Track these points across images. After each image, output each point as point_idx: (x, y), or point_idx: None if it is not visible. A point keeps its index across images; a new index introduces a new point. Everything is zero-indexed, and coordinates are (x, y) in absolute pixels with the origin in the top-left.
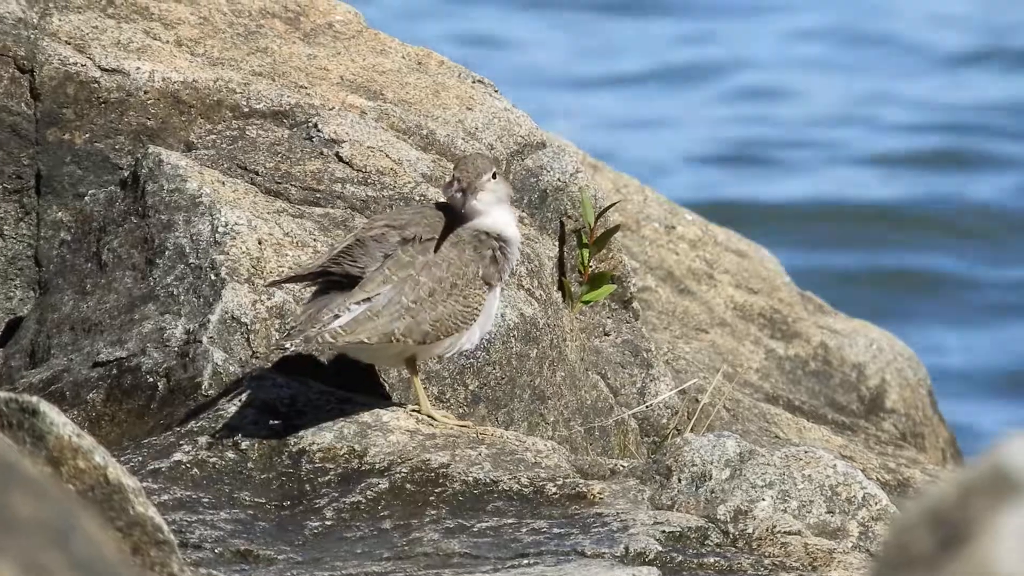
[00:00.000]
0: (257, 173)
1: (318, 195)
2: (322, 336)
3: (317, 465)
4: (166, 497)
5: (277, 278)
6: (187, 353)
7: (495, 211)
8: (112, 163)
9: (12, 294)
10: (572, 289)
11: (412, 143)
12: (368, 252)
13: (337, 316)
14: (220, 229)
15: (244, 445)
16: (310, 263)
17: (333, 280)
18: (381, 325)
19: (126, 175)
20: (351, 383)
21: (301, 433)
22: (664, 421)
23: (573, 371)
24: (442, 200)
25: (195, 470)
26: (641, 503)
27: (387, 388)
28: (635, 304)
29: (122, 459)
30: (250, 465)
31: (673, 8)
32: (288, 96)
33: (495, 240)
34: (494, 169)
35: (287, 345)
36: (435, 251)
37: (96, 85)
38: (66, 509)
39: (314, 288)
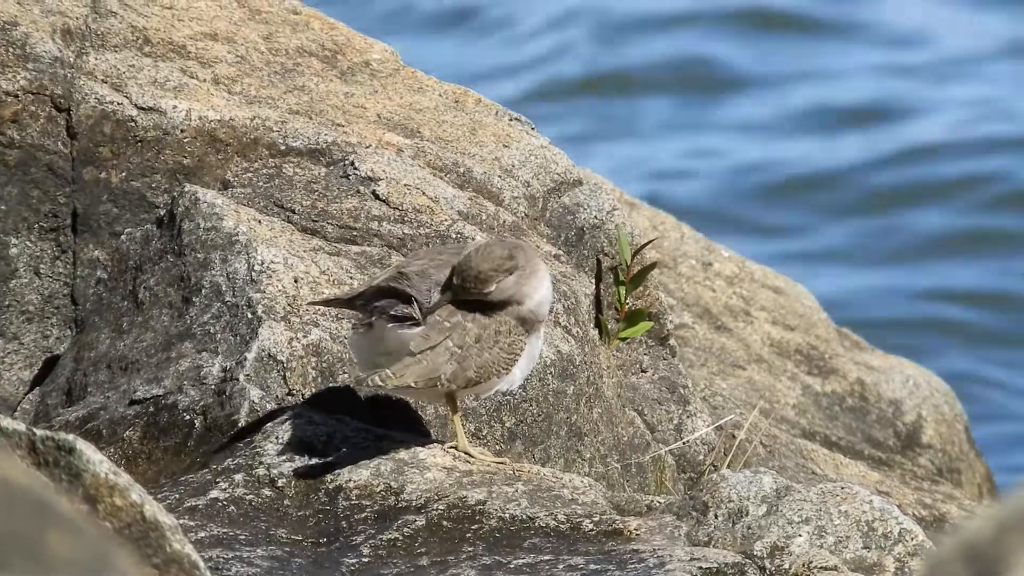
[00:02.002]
0: (293, 211)
1: (355, 233)
2: (372, 381)
3: (354, 502)
4: (203, 534)
5: (318, 299)
6: (224, 391)
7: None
8: (148, 201)
9: (49, 332)
10: (609, 326)
11: (449, 181)
12: (412, 284)
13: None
14: (256, 267)
15: (281, 482)
16: (352, 289)
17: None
18: (428, 370)
19: (162, 213)
20: (388, 420)
21: (338, 470)
22: (701, 457)
23: (610, 407)
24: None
25: (232, 507)
26: (678, 539)
27: (424, 424)
28: (672, 341)
29: (159, 496)
30: (287, 502)
31: None
32: (325, 134)
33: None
34: (508, 265)
35: (352, 383)
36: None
37: (133, 123)
38: (102, 547)
39: (363, 320)
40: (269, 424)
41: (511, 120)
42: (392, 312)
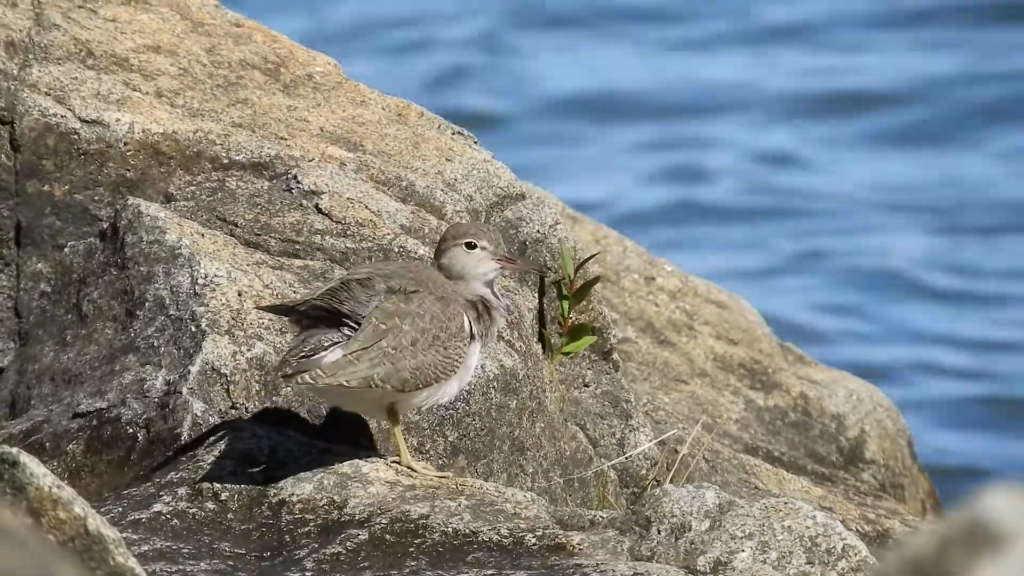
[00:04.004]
0: (236, 225)
1: (297, 247)
2: (302, 378)
3: (297, 516)
4: (146, 548)
5: (266, 304)
6: (167, 404)
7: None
8: (91, 214)
9: None
10: (552, 341)
11: (391, 194)
12: (354, 295)
13: (327, 347)
14: (200, 281)
15: (224, 496)
16: (299, 297)
17: (320, 316)
18: (361, 370)
19: (105, 226)
20: (331, 434)
21: (281, 484)
22: (643, 472)
23: (552, 422)
24: (420, 255)
25: (175, 521)
26: (621, 554)
27: (367, 439)
28: (615, 355)
29: (102, 510)
30: (230, 516)
31: None
32: (268, 148)
33: (481, 302)
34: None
35: (287, 371)
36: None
37: (76, 136)
38: (46, 560)
39: (300, 326)
40: (212, 437)
41: (454, 134)
42: (304, 353)
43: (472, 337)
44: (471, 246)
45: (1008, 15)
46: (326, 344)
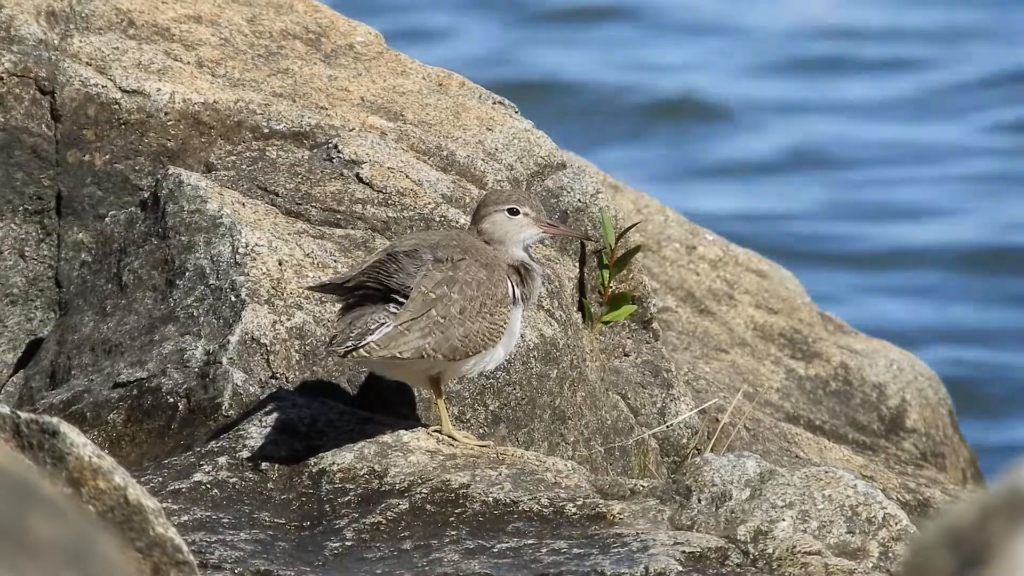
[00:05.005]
0: (277, 194)
1: (338, 216)
2: (357, 353)
3: (337, 485)
4: (186, 518)
5: (313, 283)
6: (207, 374)
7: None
8: (132, 184)
9: (33, 315)
10: (592, 310)
11: (432, 164)
12: (402, 267)
13: (374, 330)
14: (240, 250)
15: (264, 466)
16: (346, 273)
17: (367, 293)
18: (412, 340)
19: (146, 196)
20: (372, 403)
21: (321, 454)
22: (684, 441)
23: (593, 391)
24: (464, 223)
25: (215, 491)
26: (661, 523)
27: (408, 408)
28: (655, 324)
29: (142, 480)
30: (270, 486)
31: None
32: (308, 117)
33: (523, 266)
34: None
35: (340, 351)
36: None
37: (116, 106)
38: (85, 530)
39: (346, 301)
40: (252, 407)
41: (495, 103)
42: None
43: (515, 302)
44: (514, 212)
45: None
46: (373, 327)
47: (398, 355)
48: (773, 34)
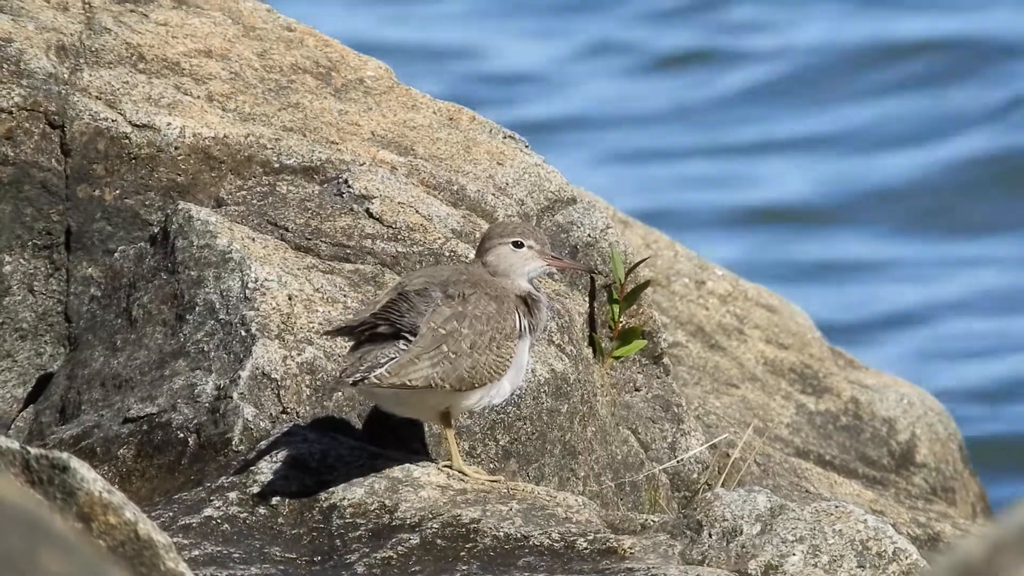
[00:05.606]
0: (287, 229)
1: (348, 251)
2: (368, 380)
3: (348, 520)
4: (197, 553)
5: (331, 328)
6: (218, 409)
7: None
8: (142, 219)
9: (42, 350)
10: (603, 344)
11: (442, 199)
12: (412, 305)
13: (384, 364)
14: (250, 285)
15: (275, 500)
16: (362, 310)
17: (377, 333)
18: (422, 369)
19: (156, 231)
20: (382, 438)
21: (332, 488)
22: (695, 476)
23: (604, 426)
24: (472, 257)
25: (226, 525)
26: (672, 558)
27: (418, 443)
28: (665, 359)
29: (152, 515)
30: (281, 520)
31: None
32: (319, 152)
33: (529, 297)
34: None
35: (349, 381)
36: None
37: (127, 141)
38: (95, 566)
39: (357, 339)
40: (263, 442)
41: (505, 138)
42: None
43: (521, 335)
44: (518, 244)
45: None
46: (383, 360)
47: (408, 383)
48: None
